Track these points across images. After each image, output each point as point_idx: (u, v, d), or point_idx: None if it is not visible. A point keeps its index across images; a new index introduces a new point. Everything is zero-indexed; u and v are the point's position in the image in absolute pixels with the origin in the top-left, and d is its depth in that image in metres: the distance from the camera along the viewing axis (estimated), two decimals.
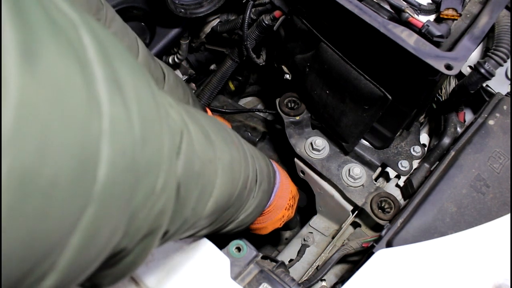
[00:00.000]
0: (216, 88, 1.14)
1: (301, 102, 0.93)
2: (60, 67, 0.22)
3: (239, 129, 1.21)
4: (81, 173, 0.23)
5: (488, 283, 0.59)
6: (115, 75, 0.27)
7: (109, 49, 0.28)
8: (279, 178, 0.76)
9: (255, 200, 0.63)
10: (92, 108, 0.24)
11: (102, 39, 0.28)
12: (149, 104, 0.31)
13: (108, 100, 0.25)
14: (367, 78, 0.70)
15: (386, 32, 0.62)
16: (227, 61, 1.11)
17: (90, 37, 0.26)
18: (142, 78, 0.32)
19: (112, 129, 0.25)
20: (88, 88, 0.24)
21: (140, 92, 0.30)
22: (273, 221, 0.78)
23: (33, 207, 0.21)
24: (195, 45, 1.17)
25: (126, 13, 0.97)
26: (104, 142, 0.25)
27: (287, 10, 0.88)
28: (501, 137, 0.72)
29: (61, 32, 0.24)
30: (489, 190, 0.67)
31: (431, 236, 0.64)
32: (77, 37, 0.25)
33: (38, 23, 0.22)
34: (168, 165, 0.33)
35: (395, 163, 0.84)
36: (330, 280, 0.85)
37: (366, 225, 0.88)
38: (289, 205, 0.79)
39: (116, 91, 0.27)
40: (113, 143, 0.25)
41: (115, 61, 0.28)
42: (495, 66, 0.67)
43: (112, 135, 0.25)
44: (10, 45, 0.19)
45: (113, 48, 0.29)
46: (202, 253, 0.65)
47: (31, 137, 0.20)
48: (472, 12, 0.70)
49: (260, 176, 0.63)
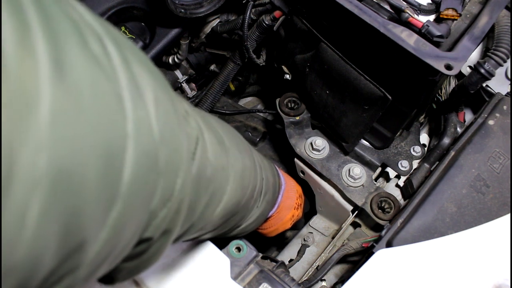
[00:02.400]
0: (219, 92, 1.14)
1: (301, 102, 0.93)
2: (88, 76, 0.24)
3: (239, 129, 1.21)
4: (108, 173, 0.25)
5: (488, 283, 0.59)
6: (136, 81, 0.29)
7: (129, 56, 0.30)
8: (284, 180, 0.76)
9: (258, 210, 0.63)
10: (118, 113, 0.26)
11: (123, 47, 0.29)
12: (167, 107, 0.33)
13: (131, 104, 0.27)
14: (367, 78, 0.70)
15: (386, 32, 0.62)
16: (229, 64, 1.11)
17: (114, 46, 0.28)
18: (161, 83, 0.33)
19: (136, 131, 0.27)
20: (114, 94, 0.26)
21: (158, 96, 0.32)
22: (283, 222, 0.78)
23: (66, 204, 0.23)
24: (195, 45, 1.17)
25: (126, 13, 0.97)
26: (129, 144, 0.27)
27: (287, 10, 0.88)
28: (501, 137, 0.72)
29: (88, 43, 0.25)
30: (489, 190, 0.67)
31: (431, 236, 0.64)
32: (102, 47, 0.27)
33: (67, 35, 0.24)
34: (185, 168, 0.35)
35: (395, 163, 0.84)
36: (330, 280, 0.85)
37: (366, 225, 0.88)
38: (297, 204, 0.80)
39: (137, 95, 0.28)
40: (137, 145, 0.27)
41: (135, 67, 0.30)
42: (495, 66, 0.67)
43: (136, 137, 0.27)
44: (43, 58, 0.21)
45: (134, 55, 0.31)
46: (202, 253, 0.65)
47: (63, 141, 0.22)
48: (472, 12, 0.70)
49: (265, 187, 0.63)
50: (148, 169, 0.29)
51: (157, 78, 0.33)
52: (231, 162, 0.48)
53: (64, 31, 0.24)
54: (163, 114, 0.31)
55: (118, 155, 0.26)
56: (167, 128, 0.31)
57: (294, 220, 0.81)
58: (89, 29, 0.26)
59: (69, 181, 0.22)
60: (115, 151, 0.25)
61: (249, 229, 0.65)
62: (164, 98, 0.33)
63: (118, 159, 0.26)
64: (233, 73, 1.12)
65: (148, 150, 0.28)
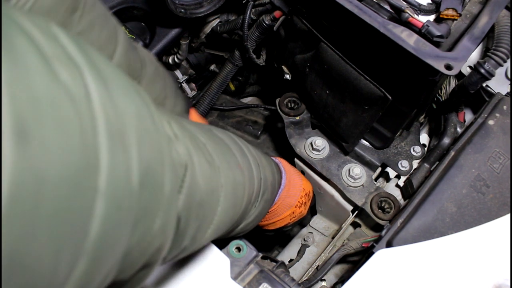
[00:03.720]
0: (217, 93, 1.14)
1: (301, 102, 0.93)
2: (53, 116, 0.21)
3: (240, 124, 1.21)
4: (72, 226, 0.23)
5: (488, 283, 0.59)
6: (118, 120, 0.26)
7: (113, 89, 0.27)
8: (284, 179, 0.76)
9: (256, 210, 0.62)
10: (90, 164, 0.23)
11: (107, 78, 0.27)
12: (153, 144, 0.30)
13: (107, 152, 0.24)
14: (367, 78, 0.70)
15: (386, 32, 0.62)
16: (227, 66, 1.11)
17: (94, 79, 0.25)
18: (147, 114, 0.30)
19: (109, 185, 0.24)
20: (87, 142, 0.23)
21: (143, 132, 0.29)
22: (281, 218, 0.78)
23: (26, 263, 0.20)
24: (195, 45, 1.17)
25: (126, 13, 0.97)
26: (99, 200, 0.24)
27: (287, 10, 0.88)
28: (501, 137, 0.72)
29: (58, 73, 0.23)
30: (489, 190, 0.67)
31: (431, 236, 0.64)
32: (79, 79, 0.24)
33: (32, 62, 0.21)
34: (167, 206, 0.32)
35: (395, 163, 0.84)
36: (330, 280, 0.85)
37: (366, 225, 0.88)
38: (300, 202, 0.79)
39: (117, 140, 0.25)
40: (108, 200, 0.24)
41: (119, 100, 0.27)
42: (495, 66, 0.67)
43: (108, 191, 0.24)
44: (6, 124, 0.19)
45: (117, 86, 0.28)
46: (202, 253, 0.65)
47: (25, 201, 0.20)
48: (472, 12, 0.70)
49: (263, 187, 0.62)
50: (120, 221, 0.26)
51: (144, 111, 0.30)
52: (221, 183, 0.45)
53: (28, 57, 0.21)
54: (147, 154, 0.29)
55: (84, 212, 0.23)
56: (150, 170, 0.29)
57: (296, 216, 0.81)
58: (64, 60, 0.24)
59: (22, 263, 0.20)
60: (81, 207, 0.23)
61: (248, 228, 0.65)
62: (150, 132, 0.30)
63: (84, 215, 0.23)
64: (231, 74, 1.12)
65: (122, 202, 0.26)
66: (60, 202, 0.22)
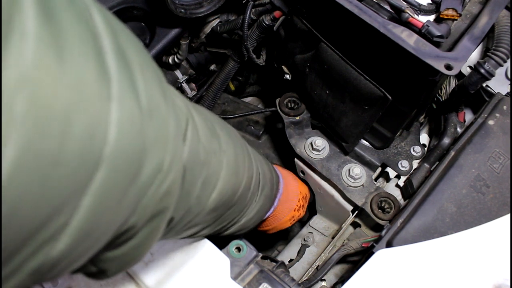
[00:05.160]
0: (220, 89, 1.14)
1: (301, 102, 0.93)
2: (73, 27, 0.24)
3: (241, 124, 1.21)
4: (93, 130, 0.24)
5: (488, 283, 0.59)
6: (122, 51, 0.29)
7: (116, 27, 0.29)
8: (282, 184, 0.76)
9: (257, 205, 0.63)
10: (102, 75, 0.25)
11: (109, 18, 0.29)
12: (154, 84, 0.32)
13: (116, 69, 0.27)
14: (367, 78, 0.70)
15: (386, 32, 0.62)
16: (229, 63, 1.11)
17: (100, 17, 0.28)
18: (148, 61, 0.33)
19: (120, 95, 0.26)
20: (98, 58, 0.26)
21: (145, 68, 0.31)
22: (282, 222, 0.78)
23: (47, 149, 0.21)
24: (195, 45, 1.17)
25: (126, 13, 0.97)
26: (114, 106, 0.26)
27: (287, 10, 0.88)
28: (501, 137, 0.72)
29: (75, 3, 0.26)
30: (489, 190, 0.67)
31: (431, 236, 0.64)
32: (89, 15, 0.27)
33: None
34: (174, 146, 0.34)
35: (395, 163, 0.84)
36: (330, 280, 0.85)
37: (366, 225, 0.88)
38: (299, 206, 0.80)
39: (123, 63, 0.28)
40: (121, 108, 0.26)
41: (122, 39, 0.29)
42: (495, 66, 0.67)
43: (120, 101, 0.26)
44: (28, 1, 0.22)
45: (121, 30, 0.31)
46: (202, 253, 0.65)
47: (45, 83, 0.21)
48: (472, 12, 0.70)
49: (263, 180, 0.63)
50: (134, 135, 0.28)
51: (145, 57, 0.33)
52: (223, 148, 0.47)
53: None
54: (150, 86, 0.31)
55: (102, 116, 0.25)
56: (154, 100, 0.31)
57: (295, 219, 0.81)
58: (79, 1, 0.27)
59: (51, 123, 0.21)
60: (99, 110, 0.25)
61: (249, 226, 0.65)
62: (151, 72, 0.32)
63: (102, 120, 0.25)
64: (233, 71, 1.12)
65: (133, 117, 0.28)
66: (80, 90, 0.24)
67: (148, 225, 0.35)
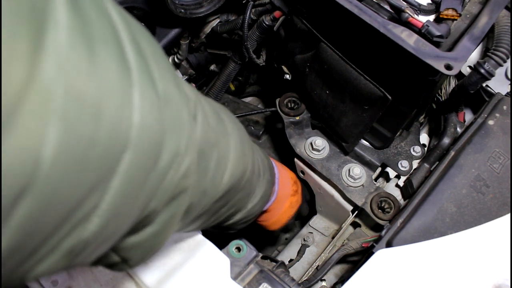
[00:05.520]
0: (220, 92, 1.15)
1: (301, 102, 0.93)
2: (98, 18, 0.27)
3: (241, 124, 1.22)
4: (120, 113, 0.26)
5: (488, 283, 0.59)
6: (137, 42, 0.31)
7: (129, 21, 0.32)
8: (276, 168, 0.77)
9: (260, 190, 0.63)
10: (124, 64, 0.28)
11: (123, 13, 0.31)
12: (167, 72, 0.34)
13: (134, 59, 0.29)
14: (367, 78, 0.70)
15: (386, 32, 0.62)
16: (230, 64, 1.11)
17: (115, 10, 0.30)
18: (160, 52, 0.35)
19: (140, 83, 0.29)
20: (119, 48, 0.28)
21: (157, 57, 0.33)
22: (285, 210, 0.79)
23: (84, 132, 0.23)
24: (195, 45, 1.17)
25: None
26: (135, 92, 0.28)
27: (287, 10, 0.88)
28: (501, 137, 0.72)
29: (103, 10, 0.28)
30: (489, 190, 0.67)
31: (431, 236, 0.64)
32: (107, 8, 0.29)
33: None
34: (188, 129, 0.36)
35: (395, 163, 0.84)
36: (330, 280, 0.85)
37: (366, 225, 0.88)
38: (294, 190, 0.81)
39: (139, 54, 0.30)
40: (142, 95, 0.29)
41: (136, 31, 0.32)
42: (495, 66, 0.67)
43: (141, 88, 0.29)
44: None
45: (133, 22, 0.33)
46: (202, 253, 0.65)
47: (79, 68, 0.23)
48: (472, 12, 0.70)
49: (263, 167, 0.65)
50: (154, 120, 0.30)
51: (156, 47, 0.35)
52: (228, 132, 0.49)
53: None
54: (164, 74, 0.33)
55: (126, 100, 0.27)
56: (168, 86, 0.33)
57: (295, 206, 0.81)
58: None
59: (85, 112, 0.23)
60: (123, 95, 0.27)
61: (254, 212, 0.65)
62: (163, 62, 0.34)
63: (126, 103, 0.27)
64: (234, 73, 1.12)
65: (152, 102, 0.30)
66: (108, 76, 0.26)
67: (167, 210, 0.36)
